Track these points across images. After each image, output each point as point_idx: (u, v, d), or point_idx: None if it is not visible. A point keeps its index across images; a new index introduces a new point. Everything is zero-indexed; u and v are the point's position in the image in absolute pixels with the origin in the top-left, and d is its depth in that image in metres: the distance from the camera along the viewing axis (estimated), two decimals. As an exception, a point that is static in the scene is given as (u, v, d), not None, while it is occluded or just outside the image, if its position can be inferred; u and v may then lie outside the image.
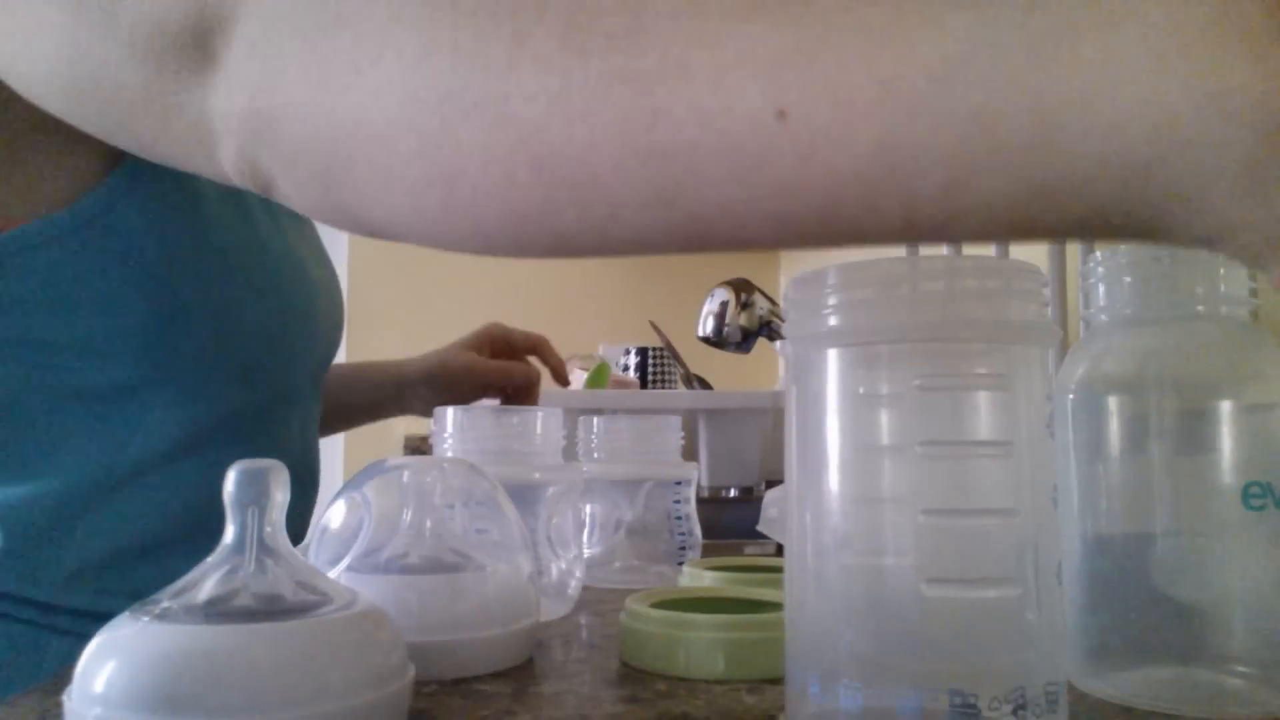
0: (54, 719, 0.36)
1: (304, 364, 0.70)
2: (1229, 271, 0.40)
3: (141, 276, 0.55)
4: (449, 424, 0.59)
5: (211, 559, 0.35)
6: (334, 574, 0.44)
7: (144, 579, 0.59)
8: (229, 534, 0.35)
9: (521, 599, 0.46)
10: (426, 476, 0.47)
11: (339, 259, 2.16)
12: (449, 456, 0.58)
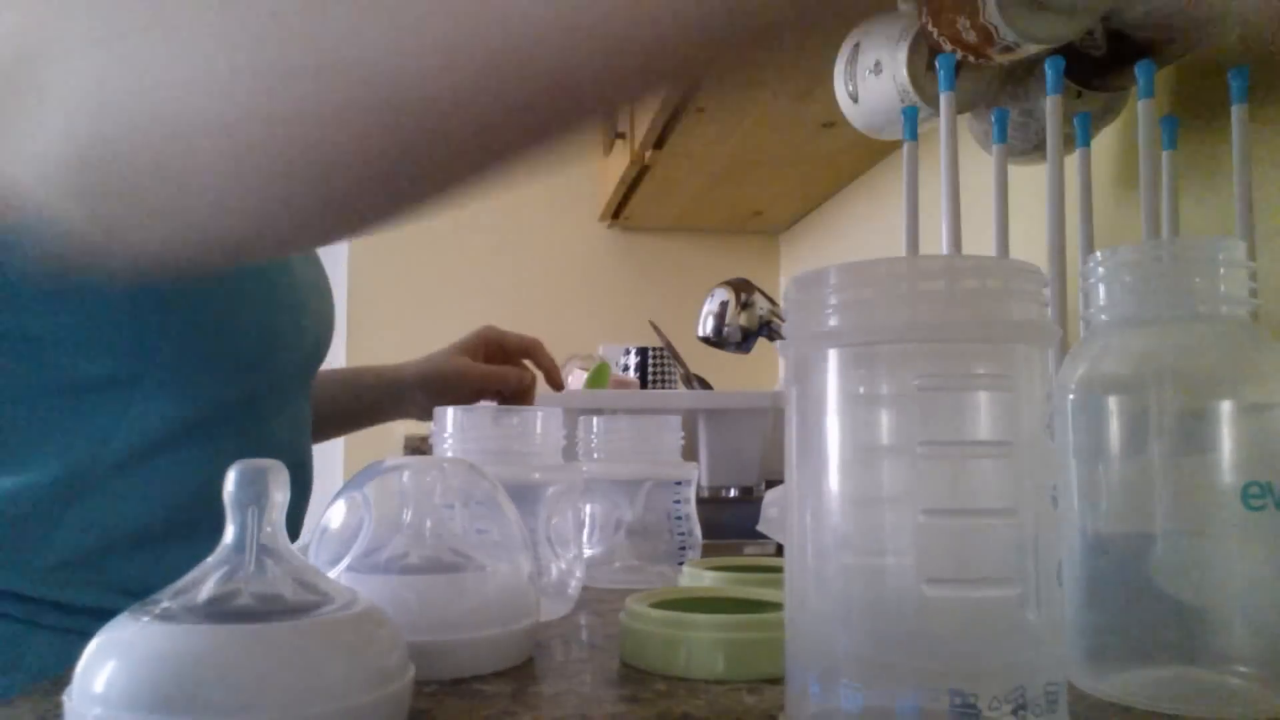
0: (54, 719, 0.36)
1: (292, 360, 0.70)
2: (1229, 271, 0.40)
3: None
4: (449, 424, 0.59)
5: (211, 559, 0.35)
6: (334, 574, 0.44)
7: (132, 574, 0.59)
8: (229, 534, 0.35)
9: (521, 599, 0.46)
10: (426, 476, 0.47)
11: (339, 260, 2.16)
12: (449, 456, 0.58)
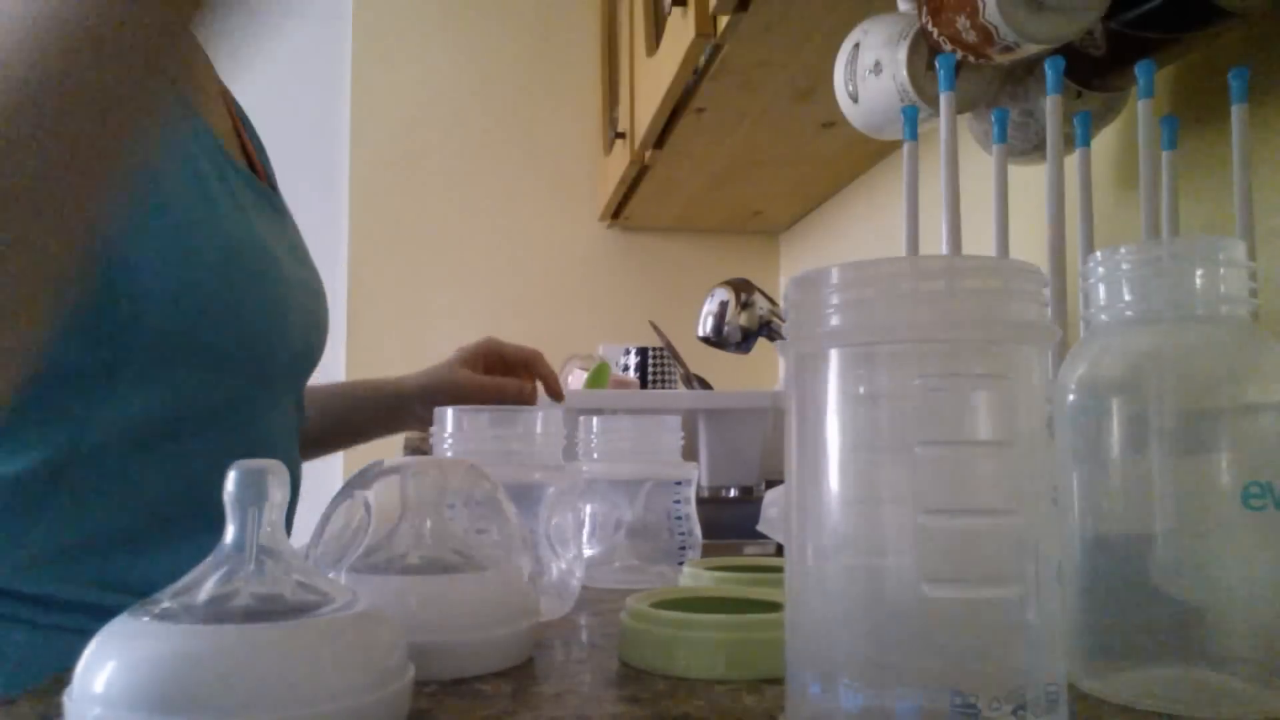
0: (54, 719, 0.36)
1: (276, 360, 0.69)
2: (1229, 271, 0.40)
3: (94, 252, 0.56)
4: (449, 424, 0.59)
5: (211, 559, 0.35)
6: (334, 574, 0.44)
7: (111, 570, 0.59)
8: (229, 534, 0.35)
9: (521, 599, 0.46)
10: (426, 476, 0.47)
11: (339, 261, 2.16)
12: (449, 457, 0.58)
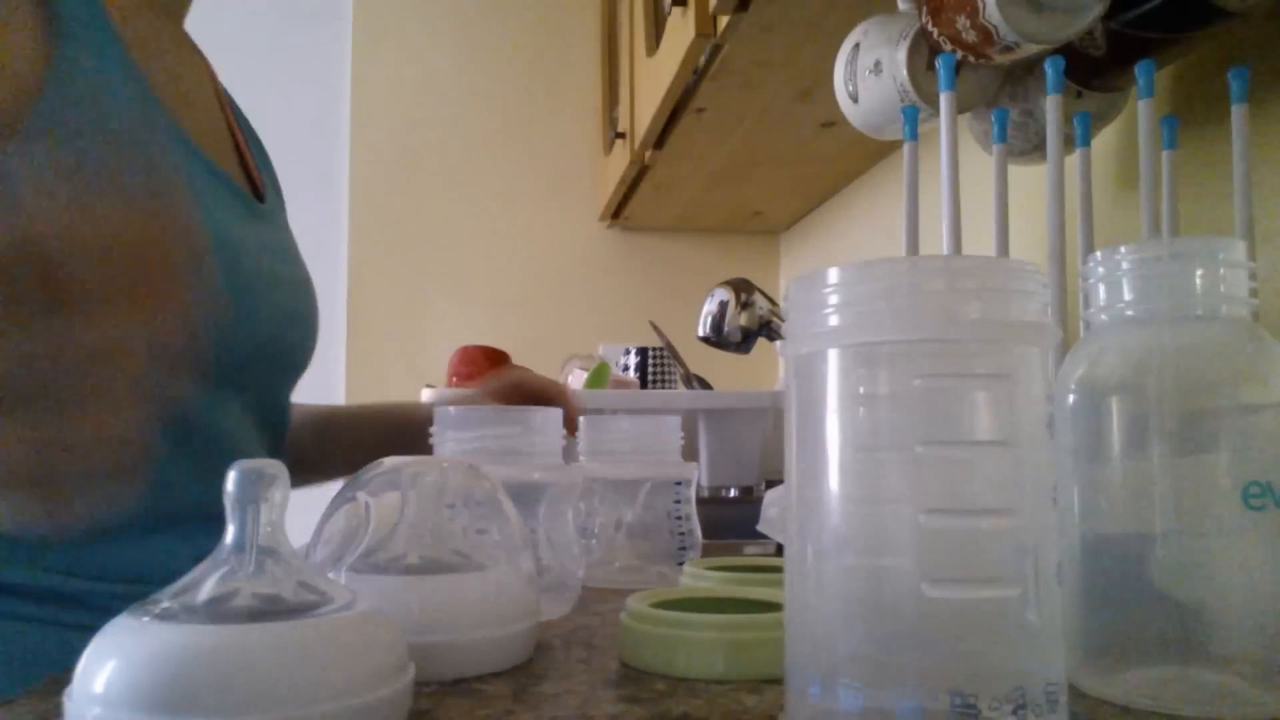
0: (54, 719, 0.36)
1: (234, 351, 0.67)
2: (1229, 271, 0.40)
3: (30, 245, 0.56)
4: (449, 424, 0.59)
5: (211, 559, 0.35)
6: (334, 574, 0.44)
7: (88, 562, 0.60)
8: (229, 534, 0.35)
9: (521, 599, 0.46)
10: (426, 476, 0.47)
11: (339, 260, 2.16)
12: (449, 456, 0.58)
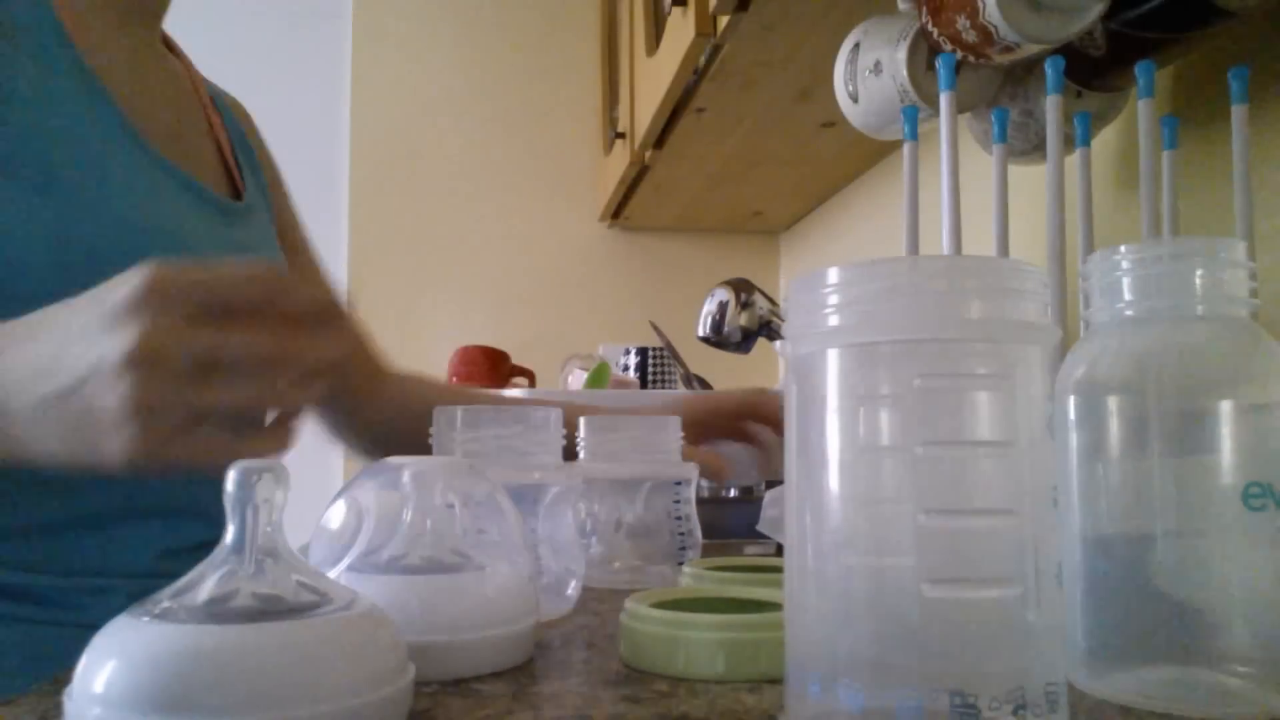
0: (54, 719, 0.36)
1: None
2: (1229, 271, 0.40)
3: None
4: (449, 424, 0.59)
5: (211, 559, 0.35)
6: (334, 574, 0.44)
7: (44, 556, 0.60)
8: (229, 534, 0.35)
9: (521, 599, 0.46)
10: (426, 476, 0.47)
11: (338, 260, 2.15)
12: (449, 456, 0.58)
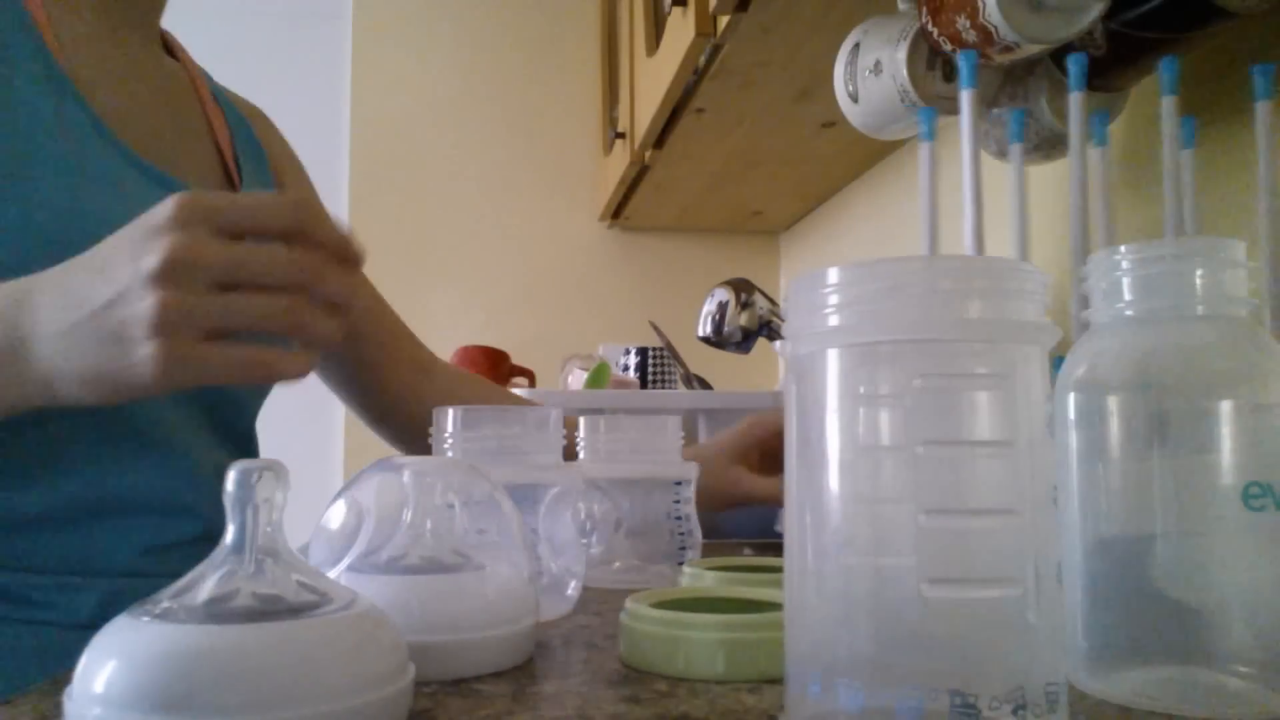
0: (54, 719, 0.36)
1: None
2: (1229, 271, 0.40)
3: None
4: (449, 424, 0.59)
5: (211, 559, 0.35)
6: (334, 574, 0.44)
7: (19, 553, 0.60)
8: (229, 534, 0.35)
9: (521, 599, 0.46)
10: (426, 476, 0.47)
11: (339, 259, 2.15)
12: (449, 456, 0.58)
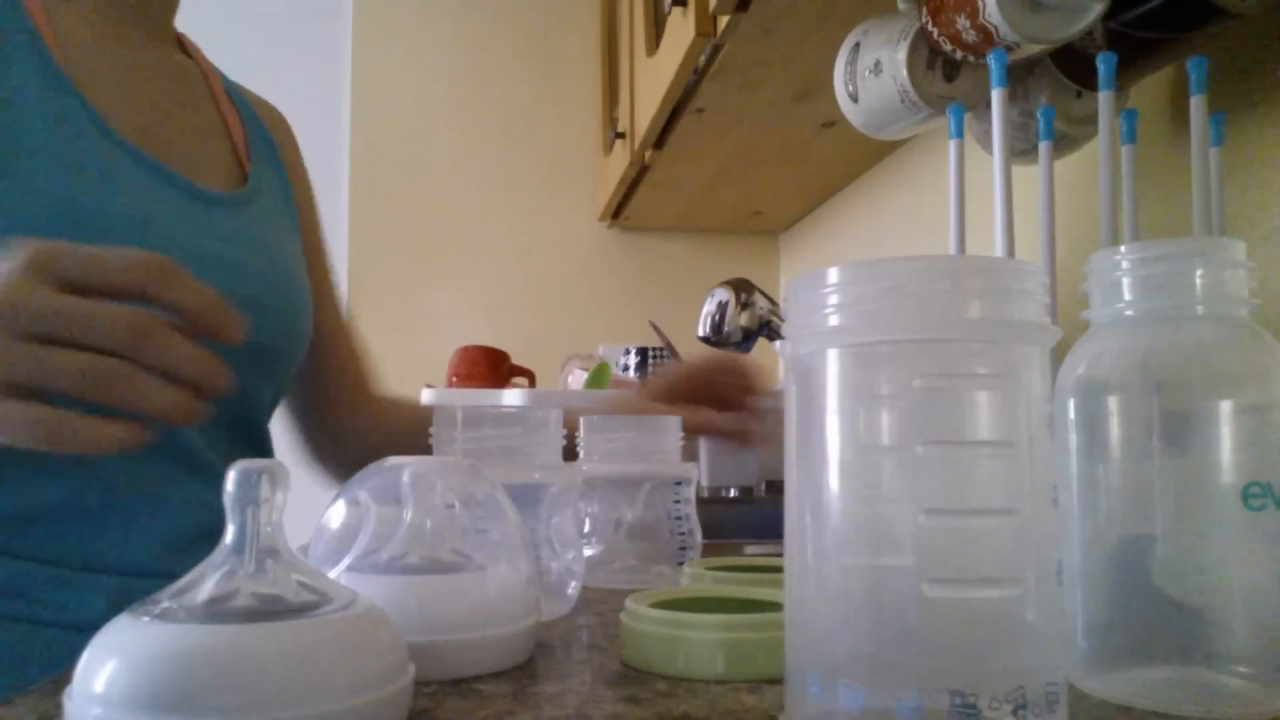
0: (54, 719, 0.36)
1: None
2: (1229, 271, 0.40)
3: None
4: (449, 424, 0.59)
5: (211, 559, 0.35)
6: (334, 574, 0.44)
7: (21, 545, 0.61)
8: (229, 534, 0.35)
9: (521, 599, 0.46)
10: (426, 476, 0.47)
11: (339, 260, 2.15)
12: (449, 456, 0.58)
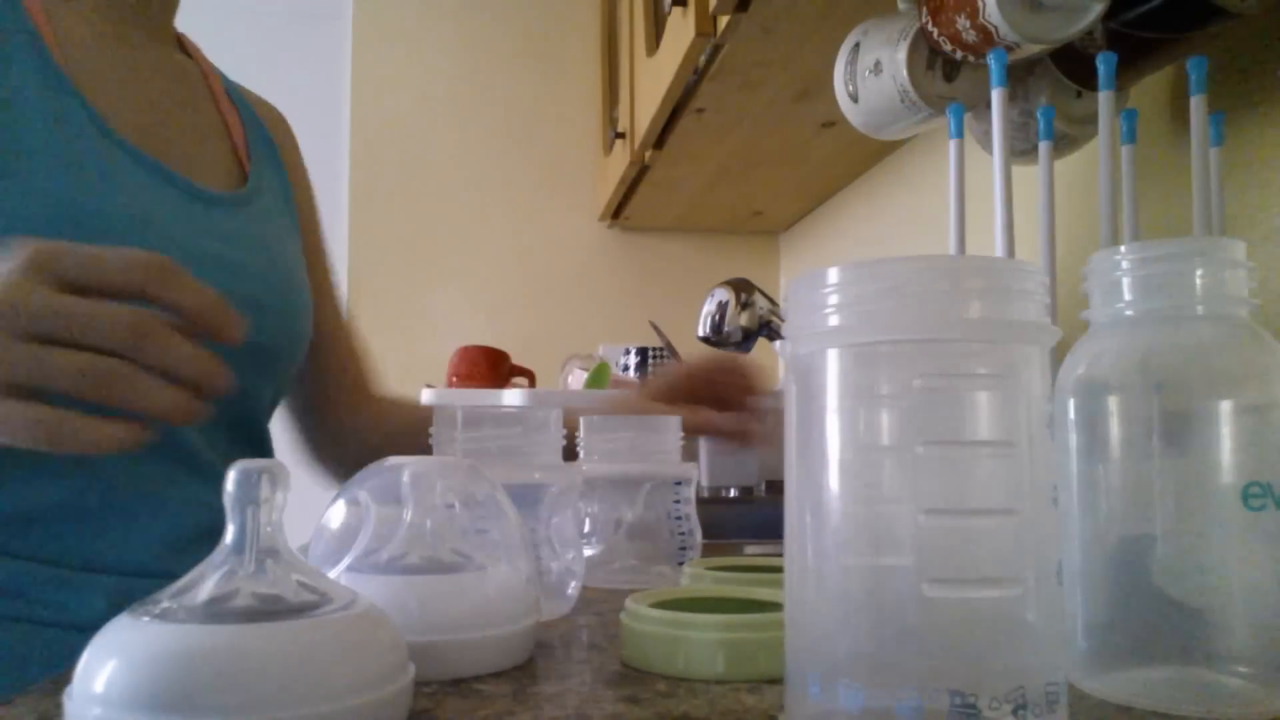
0: (54, 719, 0.36)
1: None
2: (1229, 271, 0.40)
3: None
4: (449, 424, 0.59)
5: (211, 559, 0.35)
6: (334, 574, 0.44)
7: (21, 544, 0.60)
8: (229, 534, 0.35)
9: (521, 599, 0.46)
10: (426, 476, 0.47)
11: (339, 260, 2.15)
12: (449, 456, 0.58)
